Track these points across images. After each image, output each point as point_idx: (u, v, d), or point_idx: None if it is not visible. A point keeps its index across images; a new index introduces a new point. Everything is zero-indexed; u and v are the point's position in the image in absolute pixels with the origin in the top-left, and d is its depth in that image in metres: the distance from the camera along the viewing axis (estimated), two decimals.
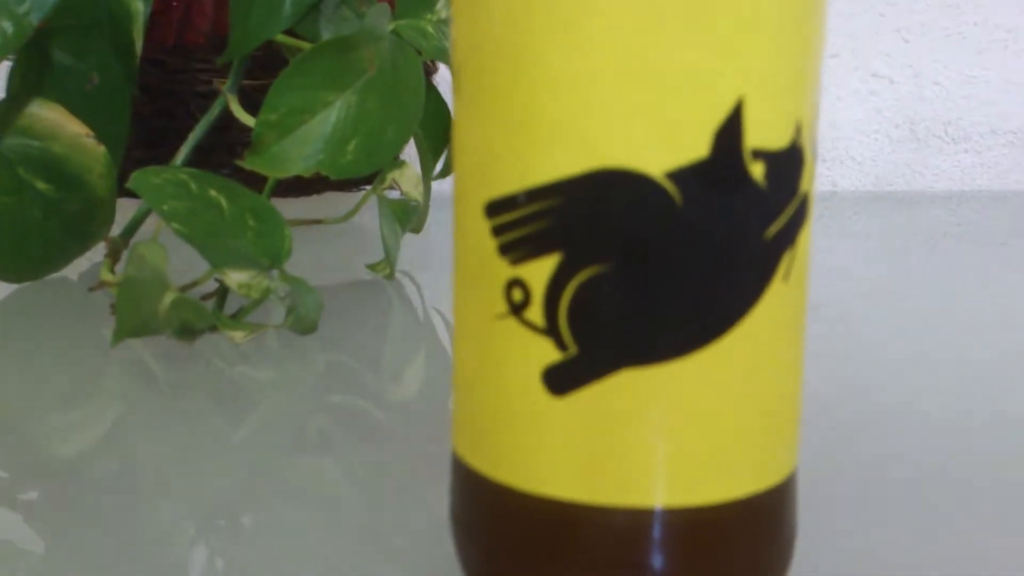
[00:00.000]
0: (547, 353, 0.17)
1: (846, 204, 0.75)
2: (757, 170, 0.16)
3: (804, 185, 0.17)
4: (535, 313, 0.17)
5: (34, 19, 0.37)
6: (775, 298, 0.17)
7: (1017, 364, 0.38)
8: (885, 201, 0.76)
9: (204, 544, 0.23)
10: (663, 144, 0.16)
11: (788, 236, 0.17)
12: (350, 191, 0.58)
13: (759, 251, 0.17)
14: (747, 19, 0.16)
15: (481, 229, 0.17)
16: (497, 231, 0.17)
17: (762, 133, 0.16)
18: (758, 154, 0.16)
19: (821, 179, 0.82)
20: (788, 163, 0.17)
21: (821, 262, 0.55)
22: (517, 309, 0.17)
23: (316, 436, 0.29)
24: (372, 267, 0.47)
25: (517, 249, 0.17)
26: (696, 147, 0.16)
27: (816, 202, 0.76)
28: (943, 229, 0.67)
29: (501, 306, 0.17)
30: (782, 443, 0.18)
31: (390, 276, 0.46)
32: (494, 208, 0.17)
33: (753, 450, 0.17)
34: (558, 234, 0.16)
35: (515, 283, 0.17)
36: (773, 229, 0.17)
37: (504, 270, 0.17)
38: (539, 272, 0.17)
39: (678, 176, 0.16)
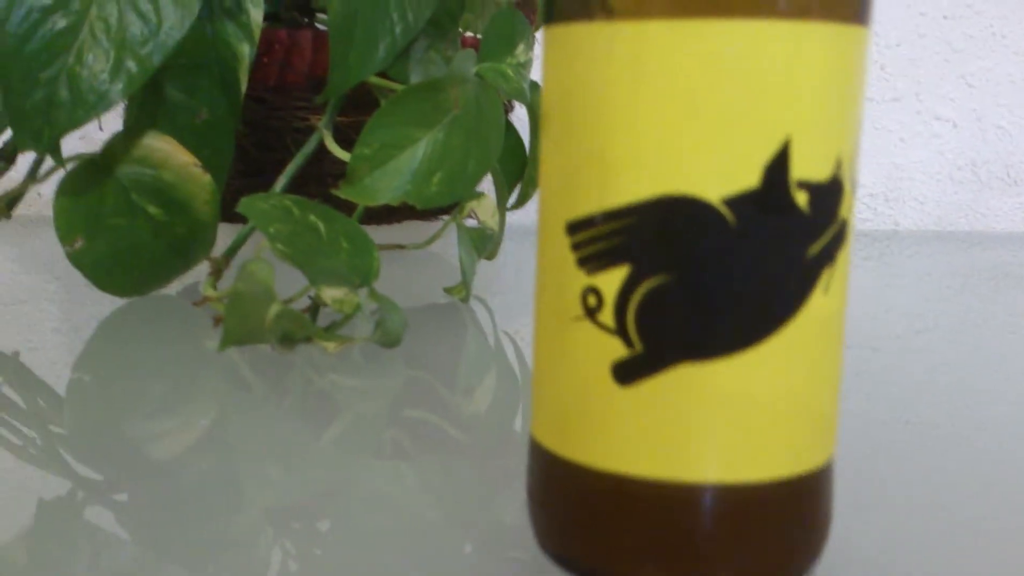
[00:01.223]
0: (616, 350, 0.20)
1: (908, 243, 0.76)
2: (801, 198, 0.19)
3: (843, 212, 0.20)
4: (607, 316, 0.20)
5: (156, 60, 0.41)
6: (815, 307, 0.20)
7: None
8: (946, 241, 0.77)
9: (285, 542, 0.25)
10: (720, 175, 0.19)
11: (828, 255, 0.20)
12: (430, 219, 0.61)
13: (802, 267, 0.19)
14: (794, 69, 0.19)
15: (562, 244, 0.20)
16: (576, 246, 0.20)
17: (806, 167, 0.19)
18: (802, 184, 0.19)
19: (884, 218, 0.83)
20: (829, 193, 0.19)
21: (881, 298, 0.57)
22: (591, 312, 0.20)
23: (394, 444, 0.32)
24: (449, 290, 0.50)
25: (593, 261, 0.20)
26: (748, 178, 0.19)
27: (878, 240, 0.77)
28: (1003, 269, 0.67)
29: (577, 310, 0.20)
30: (819, 433, 0.20)
31: (466, 299, 0.49)
32: (574, 227, 0.20)
33: (792, 437, 0.20)
34: (628, 249, 0.19)
35: (590, 290, 0.20)
36: (815, 249, 0.19)
37: (581, 279, 0.20)
38: (611, 281, 0.20)
39: (732, 202, 0.19)
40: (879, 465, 0.30)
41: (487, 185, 0.54)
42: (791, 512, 0.20)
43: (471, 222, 0.48)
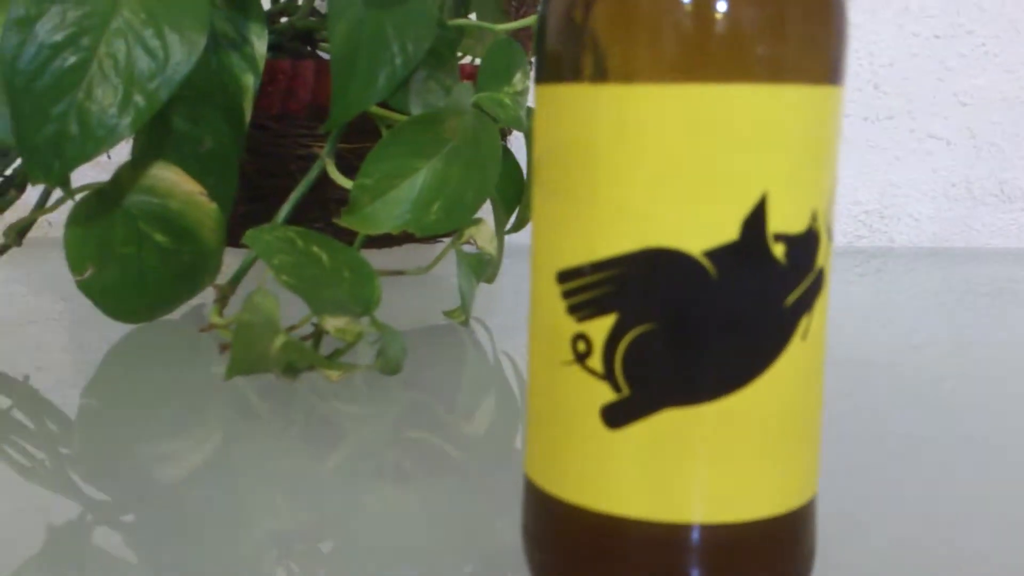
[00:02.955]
0: (604, 394, 0.21)
1: (903, 260, 0.77)
2: (779, 250, 0.20)
3: (820, 261, 0.21)
4: (595, 362, 0.21)
5: (163, 94, 0.42)
6: (794, 354, 0.21)
7: None
8: (941, 257, 0.78)
9: (290, 566, 0.26)
10: (701, 229, 0.20)
11: (806, 303, 0.21)
12: (429, 243, 0.62)
13: (780, 316, 0.20)
14: (770, 129, 0.20)
15: (553, 292, 0.21)
16: (566, 294, 0.21)
17: (783, 220, 0.20)
18: (779, 237, 0.20)
19: (879, 234, 0.84)
20: (805, 244, 0.20)
21: (877, 315, 0.57)
22: (581, 358, 0.21)
23: (395, 467, 0.33)
24: (449, 314, 0.51)
25: (582, 309, 0.21)
26: (728, 231, 0.20)
27: (873, 257, 0.78)
28: (998, 285, 0.68)
29: (568, 355, 0.21)
30: (801, 474, 0.21)
31: (465, 322, 0.50)
32: (565, 276, 0.21)
33: (775, 478, 0.21)
34: (615, 298, 0.20)
35: (580, 337, 0.21)
36: (792, 298, 0.21)
37: (571, 326, 0.21)
38: (599, 329, 0.21)
39: (713, 254, 0.20)
40: (874, 480, 0.31)
41: (486, 211, 0.55)
42: (775, 550, 0.21)
43: (470, 247, 0.49)
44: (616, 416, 0.21)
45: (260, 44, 0.48)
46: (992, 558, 0.26)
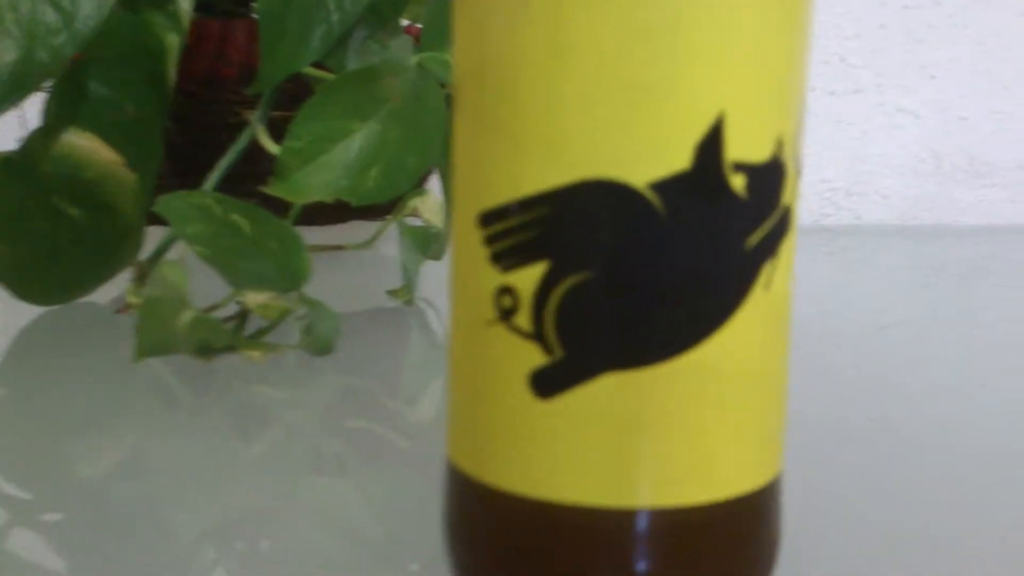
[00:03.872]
0: (534, 357, 0.17)
1: (871, 237, 0.75)
2: (738, 182, 0.17)
3: (786, 198, 0.18)
4: (523, 319, 0.17)
5: (69, 51, 0.38)
6: (756, 307, 0.18)
7: None
8: (910, 235, 0.76)
9: (222, 564, 0.23)
10: (646, 156, 0.17)
11: (769, 247, 0.18)
12: (376, 219, 0.59)
13: (740, 261, 0.17)
14: (727, 36, 0.16)
15: (475, 238, 0.18)
16: (490, 240, 0.18)
17: (743, 147, 0.17)
18: (739, 167, 0.17)
19: (846, 212, 0.82)
20: (769, 176, 0.17)
21: (844, 294, 0.55)
22: (506, 315, 0.18)
23: (332, 457, 0.30)
24: (392, 293, 0.48)
25: (507, 257, 0.17)
26: (678, 159, 0.17)
27: (841, 235, 0.76)
28: (968, 263, 0.67)
29: (491, 312, 0.18)
30: (765, 448, 0.18)
31: (410, 302, 0.47)
32: (487, 218, 0.18)
33: (735, 453, 0.18)
34: (546, 243, 0.17)
35: (505, 290, 0.18)
36: (754, 240, 0.17)
37: (495, 278, 0.18)
38: (527, 279, 0.17)
39: (661, 187, 0.17)
40: (842, 464, 0.29)
41: (434, 182, 0.52)
42: (734, 536, 0.18)
43: (415, 220, 0.46)
44: (548, 383, 0.17)
45: (185, 2, 0.44)
46: (965, 541, 0.25)
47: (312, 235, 0.49)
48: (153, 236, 0.45)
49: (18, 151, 0.42)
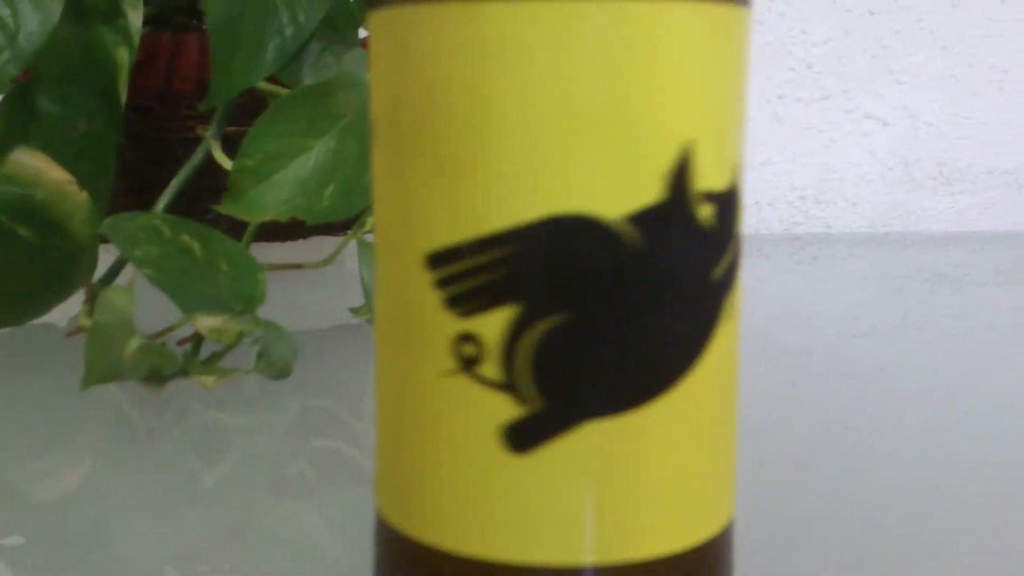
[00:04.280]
0: (504, 409, 0.16)
1: (840, 245, 0.74)
2: (705, 212, 0.16)
3: (738, 226, 0.17)
4: (490, 368, 0.16)
5: (13, 70, 0.37)
6: (724, 339, 0.17)
7: (1012, 407, 0.37)
8: (880, 242, 0.76)
9: None
10: (618, 188, 0.16)
11: (730, 277, 0.17)
12: (336, 235, 0.58)
13: (709, 292, 0.16)
14: (689, 64, 0.16)
15: (420, 282, 0.17)
16: (442, 283, 0.16)
17: (710, 176, 0.16)
18: (708, 196, 0.16)
19: (815, 220, 0.82)
20: (730, 204, 0.16)
21: (815, 303, 0.55)
22: (468, 364, 0.16)
23: (294, 480, 0.29)
24: (355, 311, 0.47)
25: (467, 302, 0.16)
26: (650, 191, 0.16)
27: (810, 243, 0.75)
28: (938, 270, 0.66)
29: (448, 362, 0.16)
30: (728, 485, 0.17)
31: (372, 320, 0.46)
32: (438, 259, 0.16)
33: (707, 494, 0.17)
34: (513, 284, 0.16)
35: (465, 337, 0.16)
36: (719, 271, 0.17)
37: (450, 324, 0.16)
38: (493, 325, 0.16)
39: (636, 220, 0.16)
40: (814, 472, 0.29)
41: None
42: None
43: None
44: (525, 436, 0.16)
45: (135, 16, 0.43)
46: (940, 547, 0.24)
47: (272, 253, 0.48)
48: (109, 255, 0.44)
49: None
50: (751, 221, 0.81)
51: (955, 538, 0.25)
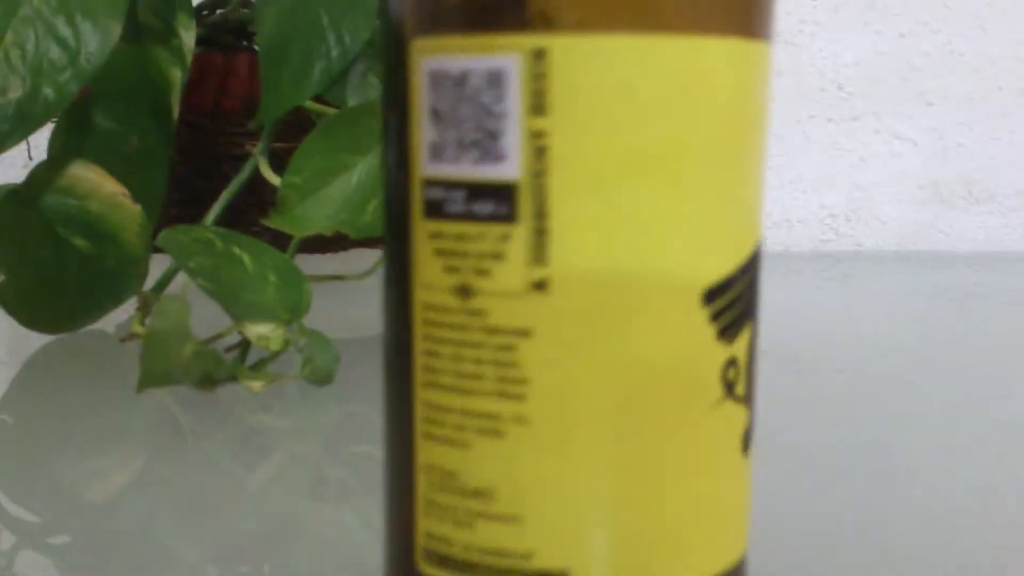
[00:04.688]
0: (743, 419, 0.17)
1: (870, 263, 0.75)
2: None
3: None
4: (740, 386, 0.17)
5: (74, 87, 0.39)
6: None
7: None
8: (909, 261, 0.76)
9: None
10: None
11: None
12: (375, 247, 0.60)
13: None
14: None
15: (696, 320, 0.16)
16: (716, 316, 0.16)
17: None
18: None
19: (845, 239, 0.82)
20: None
21: (844, 321, 0.56)
22: (730, 388, 0.17)
23: (333, 484, 0.30)
24: None
25: (733, 328, 0.17)
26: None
27: (840, 261, 0.76)
28: (967, 290, 0.67)
29: (718, 391, 0.17)
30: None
31: None
32: (713, 294, 0.16)
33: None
34: (751, 303, 0.17)
35: (730, 363, 0.17)
36: None
37: (720, 354, 0.17)
38: (742, 345, 0.17)
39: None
40: (841, 490, 0.29)
41: None
42: None
43: None
44: (748, 439, 0.18)
45: (188, 36, 0.45)
46: (965, 567, 0.24)
47: (313, 264, 0.50)
48: (159, 264, 0.45)
49: (24, 183, 0.43)
50: (781, 239, 0.82)
51: (985, 556, 0.25)
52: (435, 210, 0.16)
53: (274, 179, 0.43)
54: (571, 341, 0.16)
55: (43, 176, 0.43)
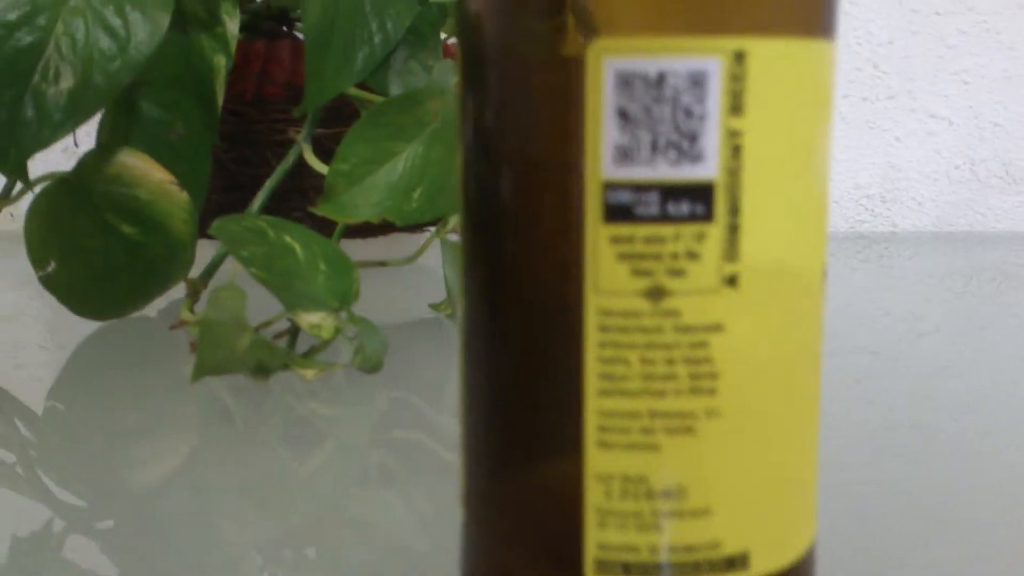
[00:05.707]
0: None
1: (906, 244, 0.75)
2: None
3: None
4: None
5: (124, 76, 0.39)
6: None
7: None
8: (945, 241, 0.76)
9: (268, 572, 0.24)
10: None
11: None
12: (415, 232, 0.60)
13: None
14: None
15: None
16: None
17: None
18: None
19: (881, 219, 0.82)
20: None
21: (880, 301, 0.56)
22: None
23: (379, 470, 0.31)
24: (435, 306, 0.49)
25: None
26: None
27: (876, 242, 0.76)
28: (1004, 269, 0.66)
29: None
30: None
31: (452, 315, 0.48)
32: None
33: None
34: None
35: None
36: None
37: None
38: None
39: None
40: (880, 472, 0.29)
41: None
42: None
43: (456, 237, 0.47)
44: None
45: (232, 24, 0.46)
46: (1006, 547, 0.25)
47: (356, 249, 0.51)
48: (203, 251, 0.46)
49: (73, 171, 0.43)
50: None
51: (1021, 537, 0.26)
52: (622, 214, 0.16)
53: (317, 165, 0.43)
54: (759, 332, 0.17)
55: (92, 164, 0.43)
